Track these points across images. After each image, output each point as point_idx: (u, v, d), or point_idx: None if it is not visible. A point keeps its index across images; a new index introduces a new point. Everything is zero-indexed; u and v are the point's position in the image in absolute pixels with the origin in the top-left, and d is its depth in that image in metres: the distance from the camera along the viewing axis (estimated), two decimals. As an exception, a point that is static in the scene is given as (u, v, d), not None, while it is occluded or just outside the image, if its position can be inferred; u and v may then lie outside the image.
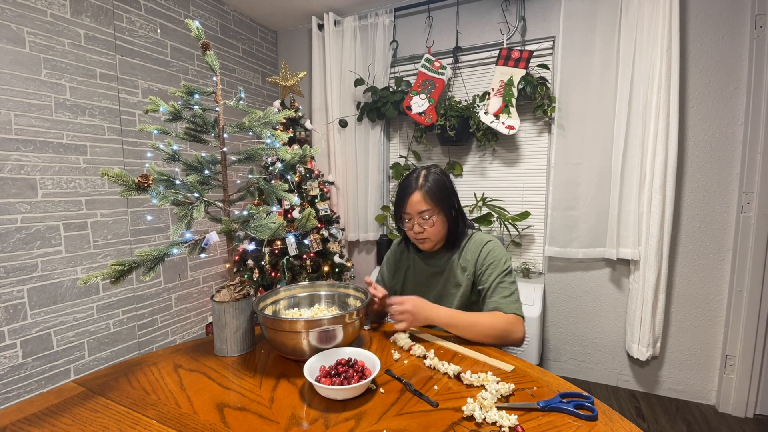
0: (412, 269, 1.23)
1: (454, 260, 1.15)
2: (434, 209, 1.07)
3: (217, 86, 0.94)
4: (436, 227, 1.08)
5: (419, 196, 1.08)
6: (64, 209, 1.69)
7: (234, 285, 0.97)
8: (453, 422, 0.66)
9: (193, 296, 2.33)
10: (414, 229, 1.10)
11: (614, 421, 0.67)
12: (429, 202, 1.07)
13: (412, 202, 1.08)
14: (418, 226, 1.09)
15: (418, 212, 1.08)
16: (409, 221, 1.11)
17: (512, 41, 2.19)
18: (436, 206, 1.08)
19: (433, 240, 1.11)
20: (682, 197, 1.94)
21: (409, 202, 1.09)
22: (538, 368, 0.86)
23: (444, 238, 1.13)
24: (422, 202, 1.07)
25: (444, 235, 1.12)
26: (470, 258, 1.13)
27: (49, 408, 0.72)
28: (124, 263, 0.80)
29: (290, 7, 2.54)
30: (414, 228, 1.09)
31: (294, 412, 0.70)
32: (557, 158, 2.09)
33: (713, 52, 1.83)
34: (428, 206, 1.07)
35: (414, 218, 1.09)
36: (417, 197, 1.08)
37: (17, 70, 1.52)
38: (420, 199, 1.07)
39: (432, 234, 1.09)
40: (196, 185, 0.88)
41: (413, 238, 1.14)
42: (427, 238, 1.10)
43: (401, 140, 2.61)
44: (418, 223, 1.09)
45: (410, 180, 1.11)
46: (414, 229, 1.10)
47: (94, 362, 1.82)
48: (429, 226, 1.08)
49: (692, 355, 1.99)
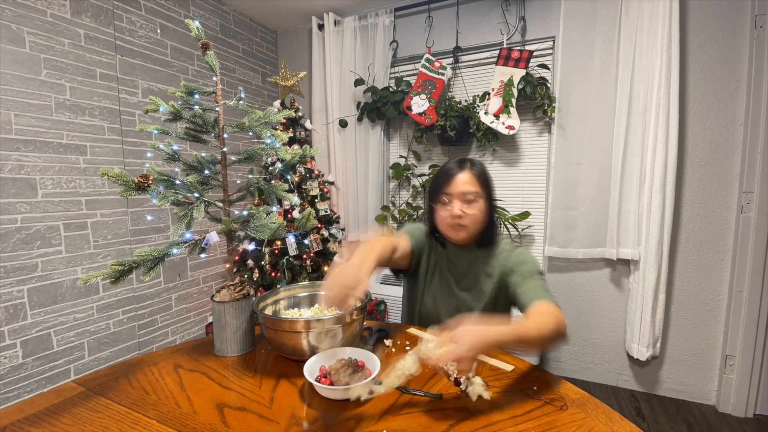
0: (439, 266, 1.12)
1: (479, 265, 1.07)
2: (480, 193, 1.00)
3: (217, 86, 0.94)
4: (478, 214, 1.00)
5: (467, 175, 1.00)
6: (64, 209, 1.69)
7: (234, 285, 0.97)
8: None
9: (193, 296, 2.33)
10: (453, 211, 0.99)
11: (614, 421, 0.67)
12: (476, 184, 1.00)
13: (458, 181, 0.99)
14: (458, 209, 0.99)
15: (462, 193, 0.99)
16: (448, 202, 1.01)
17: (512, 41, 2.19)
18: (482, 191, 1.00)
19: (470, 229, 1.01)
20: (682, 197, 1.94)
21: (454, 181, 1.00)
22: (538, 368, 0.86)
23: (479, 231, 1.03)
24: (469, 182, 0.99)
25: (481, 228, 1.03)
26: (497, 265, 1.05)
27: (49, 408, 0.72)
28: (124, 263, 0.80)
29: (290, 7, 2.54)
30: (453, 210, 0.99)
31: (294, 412, 0.70)
32: (557, 158, 2.09)
33: (713, 52, 1.83)
34: (475, 188, 0.99)
35: (455, 199, 1.00)
36: (465, 176, 1.00)
37: (17, 70, 1.52)
38: (468, 179, 0.99)
39: (471, 221, 1.00)
40: (196, 185, 0.88)
41: (447, 224, 1.02)
42: (464, 225, 1.00)
43: (401, 140, 2.61)
44: (459, 205, 0.99)
45: (456, 163, 1.04)
46: (453, 211, 0.99)
47: (94, 362, 1.82)
48: (471, 211, 0.99)
49: (692, 355, 1.99)
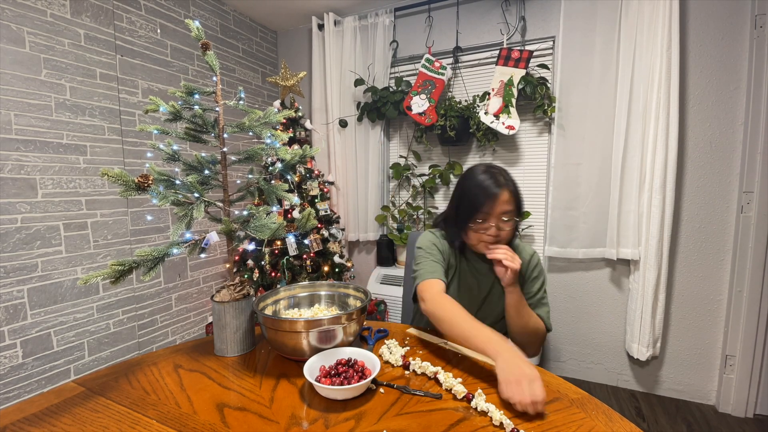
0: (458, 272, 1.12)
1: None
2: (515, 211, 0.97)
3: (217, 86, 0.94)
4: (509, 233, 0.97)
5: (508, 195, 0.95)
6: (64, 209, 1.69)
7: (234, 285, 0.97)
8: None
9: (193, 296, 2.33)
10: (491, 232, 0.95)
11: (614, 421, 0.67)
12: (513, 203, 0.96)
13: (501, 200, 0.94)
14: (496, 230, 0.95)
15: (502, 212, 0.95)
16: (484, 222, 0.97)
17: (512, 41, 2.19)
18: (516, 210, 0.98)
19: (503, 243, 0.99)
20: (682, 197, 1.94)
21: (498, 201, 0.94)
22: (538, 368, 0.86)
23: None
24: (509, 201, 0.95)
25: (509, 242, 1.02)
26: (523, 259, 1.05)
27: (49, 408, 0.72)
28: (124, 263, 0.80)
29: (290, 7, 2.54)
30: (491, 231, 0.96)
31: (294, 412, 0.70)
32: (557, 158, 2.09)
33: (713, 52, 1.83)
34: (513, 207, 0.96)
35: (492, 219, 0.96)
36: (506, 196, 0.94)
37: (17, 70, 1.52)
38: (508, 198, 0.95)
39: (506, 237, 0.97)
40: (196, 185, 0.88)
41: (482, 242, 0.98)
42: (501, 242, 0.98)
43: (401, 140, 2.61)
44: (497, 224, 0.96)
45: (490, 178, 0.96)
46: (491, 232, 0.95)
47: (94, 362, 1.82)
48: (507, 228, 0.96)
49: (692, 355, 1.99)
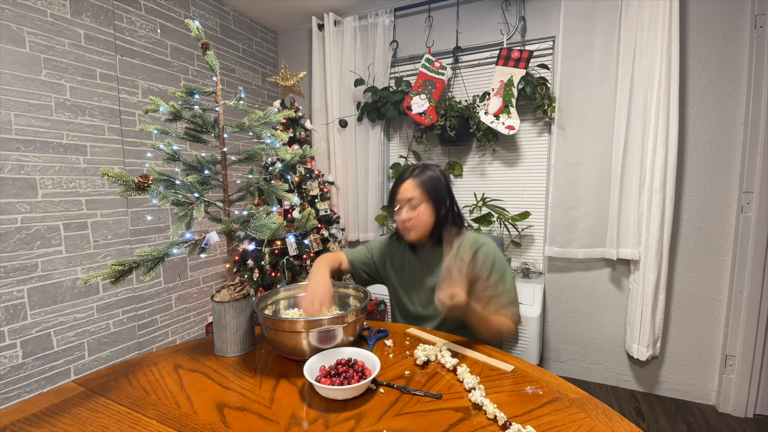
0: (406, 266, 1.23)
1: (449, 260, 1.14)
2: (422, 197, 1.11)
3: (217, 86, 0.94)
4: (421, 216, 1.11)
5: (411, 183, 1.12)
6: (64, 209, 1.69)
7: (234, 285, 0.97)
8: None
9: (193, 296, 2.33)
10: (401, 216, 1.13)
11: (614, 421, 0.67)
12: (418, 190, 1.11)
13: (402, 188, 1.13)
14: (405, 214, 1.12)
15: (407, 199, 1.11)
16: (398, 208, 1.14)
17: (512, 41, 2.19)
18: (424, 195, 1.11)
19: (418, 230, 1.12)
20: (682, 197, 1.94)
21: (400, 189, 1.13)
22: (538, 368, 0.86)
23: (428, 231, 1.14)
24: (411, 189, 1.11)
25: (429, 228, 1.13)
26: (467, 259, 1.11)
27: (49, 408, 0.72)
28: (124, 263, 0.80)
29: (290, 7, 2.54)
30: (401, 215, 1.13)
31: (294, 412, 0.70)
32: (557, 158, 2.09)
33: (713, 52, 1.83)
34: (416, 194, 1.11)
35: (402, 205, 1.13)
36: (408, 184, 1.12)
37: (17, 70, 1.52)
38: (410, 186, 1.12)
39: (416, 223, 1.11)
40: (196, 185, 0.88)
41: (399, 228, 1.17)
42: (411, 228, 1.12)
43: (401, 140, 2.61)
44: (406, 210, 1.12)
45: (405, 171, 1.17)
46: (401, 216, 1.13)
47: (94, 362, 1.82)
48: (413, 214, 1.11)
49: (692, 355, 1.99)
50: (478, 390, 0.73)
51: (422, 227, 1.12)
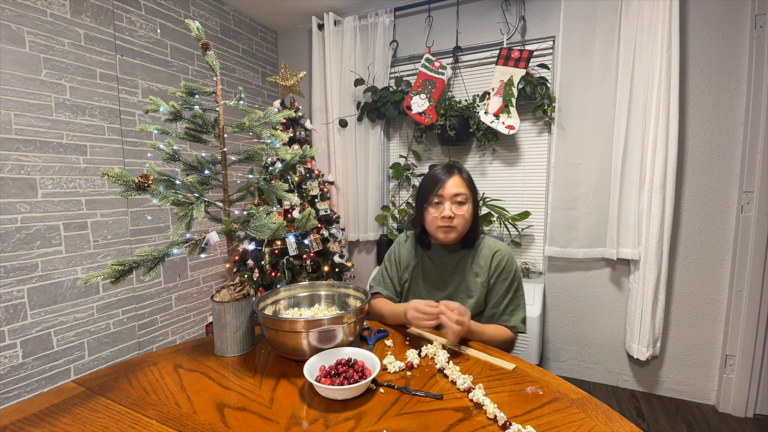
0: (420, 268, 1.20)
1: (467, 263, 1.14)
2: (468, 196, 1.09)
3: (217, 86, 0.94)
4: (465, 216, 1.08)
5: (459, 180, 1.09)
6: (64, 209, 1.69)
7: (234, 285, 0.97)
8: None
9: (193, 296, 2.33)
10: (445, 213, 1.07)
11: (614, 421, 0.67)
12: (465, 187, 1.09)
13: (450, 184, 1.08)
14: (449, 211, 1.07)
15: (453, 195, 1.08)
16: (439, 204, 1.09)
17: (512, 41, 2.19)
18: (471, 194, 1.10)
19: (459, 230, 1.09)
20: (682, 197, 1.94)
21: (446, 184, 1.08)
22: (538, 368, 0.86)
23: (466, 231, 1.12)
24: (461, 185, 1.09)
25: (468, 228, 1.11)
26: (483, 264, 1.13)
27: (49, 408, 0.72)
28: (124, 263, 0.80)
29: (290, 7, 2.54)
30: (445, 212, 1.07)
31: (294, 412, 0.70)
32: (557, 158, 2.09)
33: (713, 52, 1.83)
34: (465, 191, 1.08)
35: (446, 201, 1.08)
36: (456, 180, 1.09)
37: (17, 70, 1.52)
38: (459, 183, 1.09)
39: (460, 223, 1.08)
40: (196, 185, 0.88)
41: (437, 225, 1.10)
42: (454, 226, 1.08)
43: (401, 140, 2.61)
44: (450, 207, 1.08)
45: (444, 168, 1.12)
46: (445, 213, 1.07)
47: (94, 362, 1.82)
48: (460, 212, 1.08)
49: (692, 355, 1.99)
50: (478, 389, 0.73)
51: (464, 227, 1.10)
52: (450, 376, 0.80)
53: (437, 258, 1.18)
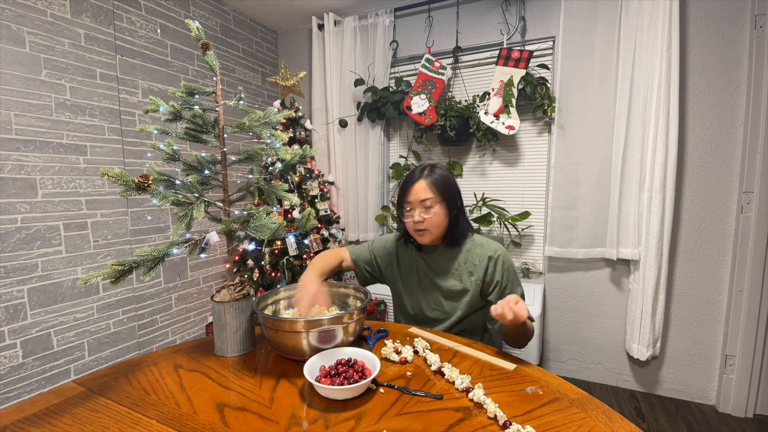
0: (416, 269, 1.20)
1: (459, 262, 1.14)
2: (436, 198, 1.08)
3: (217, 86, 0.94)
4: (436, 218, 1.08)
5: (423, 184, 1.08)
6: (64, 209, 1.69)
7: (234, 285, 0.97)
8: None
9: (193, 296, 2.33)
10: (414, 218, 1.08)
11: (614, 421, 0.67)
12: (432, 191, 1.08)
13: (415, 189, 1.09)
14: (419, 215, 1.08)
15: (420, 200, 1.08)
16: (410, 210, 1.10)
17: (512, 41, 2.19)
18: (439, 196, 1.08)
19: (432, 233, 1.09)
20: (682, 197, 1.94)
21: (412, 190, 1.09)
22: (538, 368, 0.86)
23: (443, 233, 1.12)
24: (425, 190, 1.08)
25: (444, 229, 1.11)
26: (478, 263, 1.12)
27: (49, 408, 0.72)
28: (124, 263, 0.80)
29: (290, 7, 2.54)
30: (414, 217, 1.08)
31: (294, 412, 0.70)
32: (557, 158, 2.09)
33: (713, 52, 1.83)
34: (431, 195, 1.07)
35: (416, 207, 1.09)
36: (421, 185, 1.08)
37: (17, 70, 1.52)
38: (424, 187, 1.08)
39: (431, 225, 1.08)
40: (196, 185, 0.88)
41: (412, 230, 1.12)
42: (426, 230, 1.09)
43: (401, 140, 2.61)
44: (419, 212, 1.08)
45: (415, 170, 1.13)
46: (414, 218, 1.08)
47: (94, 362, 1.82)
48: (428, 216, 1.07)
49: (692, 355, 1.99)
50: (478, 389, 0.73)
51: (437, 229, 1.09)
52: (447, 375, 0.80)
53: (429, 258, 1.18)
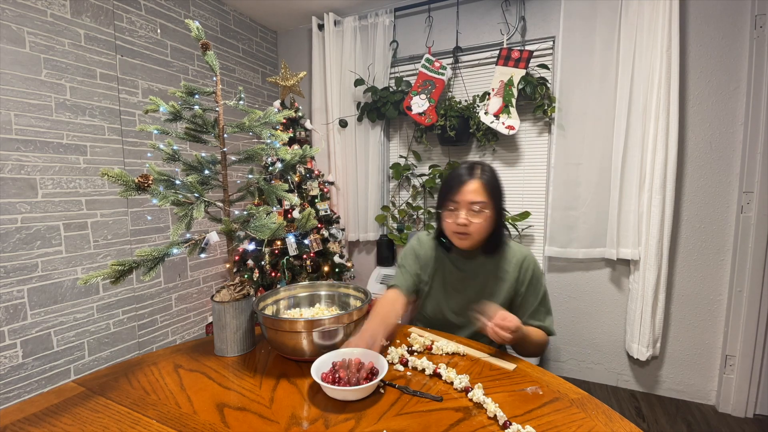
0: (441, 270, 1.13)
1: (491, 267, 1.08)
2: (488, 203, 1.00)
3: (217, 86, 0.94)
4: (482, 224, 1.00)
5: (477, 184, 1.00)
6: (64, 209, 1.69)
7: (234, 285, 0.97)
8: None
9: (193, 296, 2.33)
10: (459, 220, 1.00)
11: (614, 421, 0.67)
12: (484, 194, 0.99)
13: (466, 189, 0.99)
14: (464, 218, 0.99)
15: (469, 202, 0.99)
16: (454, 210, 1.02)
17: (512, 41, 2.19)
18: (491, 201, 1.00)
19: (474, 238, 1.01)
20: (682, 197, 1.94)
21: (462, 189, 1.00)
22: (538, 368, 0.86)
23: (485, 239, 1.04)
24: (478, 191, 0.99)
25: (486, 235, 1.03)
26: (511, 270, 1.07)
27: (49, 408, 0.72)
28: (124, 263, 0.80)
29: (290, 7, 2.54)
30: (459, 219, 1.00)
31: (294, 412, 0.70)
32: (557, 158, 2.09)
33: (713, 52, 1.83)
34: (483, 198, 0.99)
35: (462, 208, 1.00)
36: (474, 185, 0.99)
37: (17, 70, 1.52)
38: (477, 188, 0.99)
39: (476, 230, 1.00)
40: (196, 185, 0.88)
41: (452, 231, 1.03)
42: (469, 234, 1.00)
43: (401, 140, 2.61)
44: (465, 214, 1.00)
45: (465, 169, 1.03)
46: (459, 220, 1.00)
47: (94, 362, 1.82)
48: (476, 220, 0.99)
49: (692, 355, 1.99)
50: (477, 389, 0.73)
51: (480, 235, 1.01)
52: (445, 377, 0.80)
53: (459, 261, 1.11)
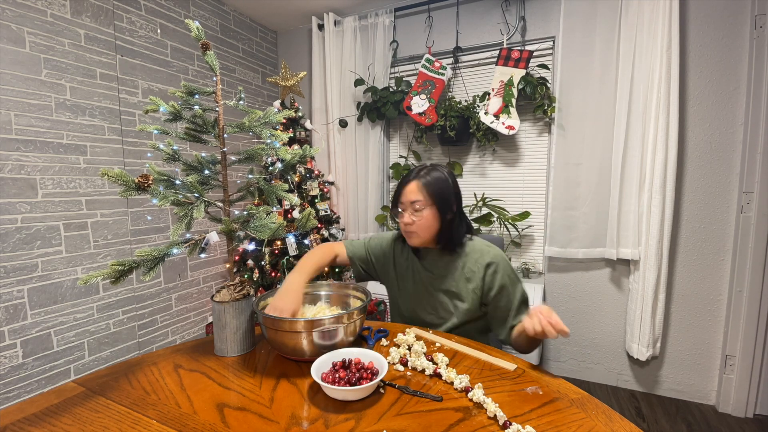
0: (411, 271, 1.18)
1: (456, 268, 1.11)
2: (425, 201, 1.05)
3: (217, 86, 0.94)
4: (425, 221, 1.05)
5: (414, 186, 1.06)
6: (64, 209, 1.69)
7: (234, 285, 0.97)
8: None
9: (193, 296, 2.33)
10: (404, 219, 1.07)
11: (614, 421, 0.67)
12: (422, 194, 1.05)
13: (406, 190, 1.07)
14: (408, 217, 1.06)
15: (410, 202, 1.06)
16: (402, 211, 1.09)
17: (512, 41, 2.19)
18: (429, 199, 1.05)
19: (420, 235, 1.07)
20: (682, 197, 1.94)
21: (404, 191, 1.08)
22: (538, 368, 0.86)
23: (433, 237, 1.09)
24: (416, 191, 1.06)
25: (434, 233, 1.08)
26: (476, 270, 1.09)
27: (49, 408, 0.72)
28: (124, 263, 0.80)
29: (290, 7, 2.54)
30: (404, 218, 1.07)
31: (294, 412, 0.70)
32: (557, 158, 2.09)
33: (713, 52, 1.83)
34: (420, 197, 1.05)
35: (407, 209, 1.07)
36: (412, 186, 1.07)
37: (17, 70, 1.52)
38: (414, 189, 1.06)
39: (419, 228, 1.06)
40: (196, 185, 0.88)
41: (403, 230, 1.11)
42: (414, 232, 1.07)
43: (401, 140, 2.61)
44: (409, 214, 1.07)
45: (411, 171, 1.11)
46: (404, 219, 1.07)
47: (94, 362, 1.82)
48: (416, 218, 1.05)
49: (692, 355, 1.99)
50: (477, 389, 0.73)
51: (425, 232, 1.07)
52: (445, 377, 0.80)
53: (425, 260, 1.16)
